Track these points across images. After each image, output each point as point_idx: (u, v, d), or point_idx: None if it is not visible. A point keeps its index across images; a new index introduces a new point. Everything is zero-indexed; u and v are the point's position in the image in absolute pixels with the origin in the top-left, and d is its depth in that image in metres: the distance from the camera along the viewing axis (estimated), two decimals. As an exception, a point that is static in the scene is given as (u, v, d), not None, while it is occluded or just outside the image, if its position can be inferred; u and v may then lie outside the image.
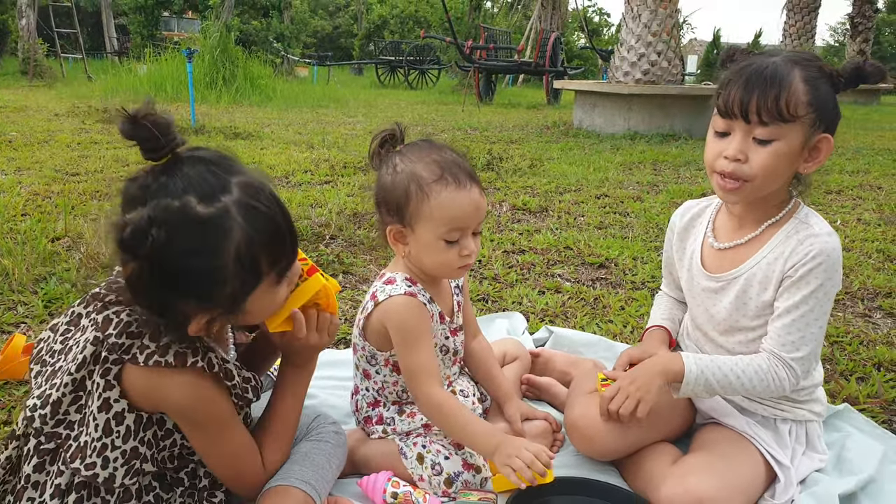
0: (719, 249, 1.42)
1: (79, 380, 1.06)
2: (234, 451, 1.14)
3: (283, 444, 1.22)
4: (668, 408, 1.44)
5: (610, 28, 30.57)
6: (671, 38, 7.55)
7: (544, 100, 12.96)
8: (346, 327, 2.21)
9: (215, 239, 0.96)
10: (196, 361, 1.04)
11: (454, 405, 1.33)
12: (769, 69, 1.24)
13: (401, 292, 1.36)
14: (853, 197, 4.48)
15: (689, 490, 1.25)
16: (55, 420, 1.07)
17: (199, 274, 0.97)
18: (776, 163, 1.26)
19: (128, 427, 1.06)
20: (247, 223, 0.98)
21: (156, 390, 1.04)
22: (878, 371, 1.99)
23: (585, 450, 1.45)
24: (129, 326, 1.03)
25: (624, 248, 3.11)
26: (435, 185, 1.30)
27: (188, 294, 0.99)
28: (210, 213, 0.96)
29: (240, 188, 0.99)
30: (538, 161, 5.51)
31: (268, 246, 1.01)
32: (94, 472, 1.04)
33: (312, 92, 11.84)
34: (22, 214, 3.30)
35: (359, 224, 3.41)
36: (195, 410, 1.07)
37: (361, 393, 1.49)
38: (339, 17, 34.92)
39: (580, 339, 2.00)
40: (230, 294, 1.00)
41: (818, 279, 1.28)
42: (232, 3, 15.31)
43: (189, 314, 1.01)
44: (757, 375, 1.31)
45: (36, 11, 13.58)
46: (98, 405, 1.04)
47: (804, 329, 1.30)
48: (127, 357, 1.02)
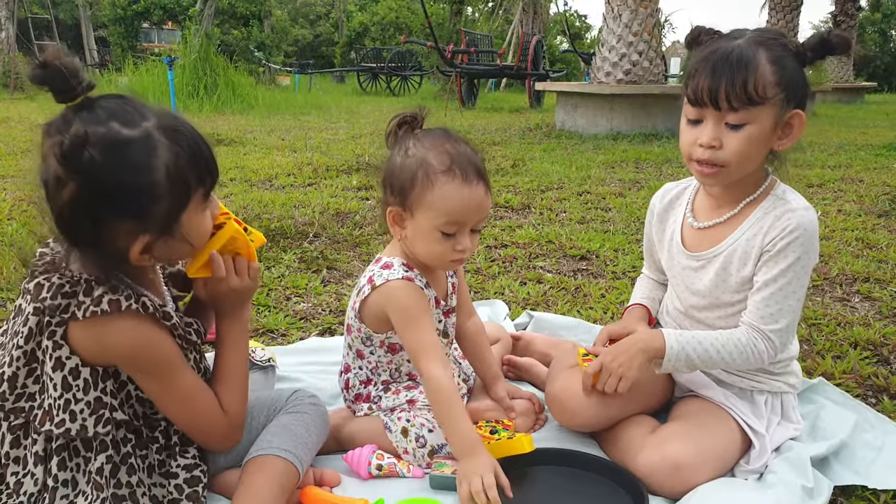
0: (699, 229, 1.46)
1: (29, 352, 1.09)
2: (187, 395, 1.16)
3: (235, 389, 1.23)
4: (649, 382, 1.47)
5: (591, 31, 30.82)
6: (652, 37, 7.63)
7: (527, 103, 13.04)
8: (332, 317, 2.23)
9: (145, 156, 1.01)
10: (130, 304, 1.06)
11: (453, 393, 1.32)
12: (734, 53, 1.24)
13: (398, 277, 1.37)
14: (834, 189, 4.56)
15: (666, 456, 1.28)
16: (15, 395, 1.10)
17: (136, 190, 1.01)
18: (750, 146, 1.28)
19: (85, 380, 1.09)
20: (170, 142, 1.03)
21: (99, 342, 1.07)
22: (854, 349, 2.03)
23: (566, 422, 1.48)
24: (62, 288, 1.06)
25: (605, 241, 3.15)
26: (442, 176, 1.31)
27: (125, 212, 1.02)
28: (135, 134, 1.01)
29: (156, 116, 1.05)
30: (521, 161, 5.56)
31: (193, 162, 1.06)
32: (66, 427, 1.08)
33: (294, 100, 11.86)
34: (8, 219, 3.30)
35: (342, 223, 3.44)
36: (139, 356, 1.10)
37: (354, 371, 1.51)
38: (320, 26, 34.96)
39: (560, 323, 2.04)
40: (165, 212, 1.04)
41: (795, 253, 1.31)
42: (212, 12, 15.30)
43: (126, 242, 1.04)
44: (736, 349, 1.34)
45: (15, 24, 13.52)
46: (52, 366, 1.07)
47: (782, 302, 1.33)
48: (66, 316, 1.05)
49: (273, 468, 1.18)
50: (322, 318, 2.23)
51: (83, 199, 0.99)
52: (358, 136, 7.16)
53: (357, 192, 4.22)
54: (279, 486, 1.17)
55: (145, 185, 1.01)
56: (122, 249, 1.05)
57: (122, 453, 1.13)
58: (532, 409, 1.57)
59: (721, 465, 1.32)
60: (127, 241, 1.04)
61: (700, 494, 1.25)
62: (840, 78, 16.96)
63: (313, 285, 2.51)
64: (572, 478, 1.35)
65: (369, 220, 3.46)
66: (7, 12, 13.29)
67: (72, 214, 1.01)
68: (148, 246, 1.05)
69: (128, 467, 1.13)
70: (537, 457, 1.36)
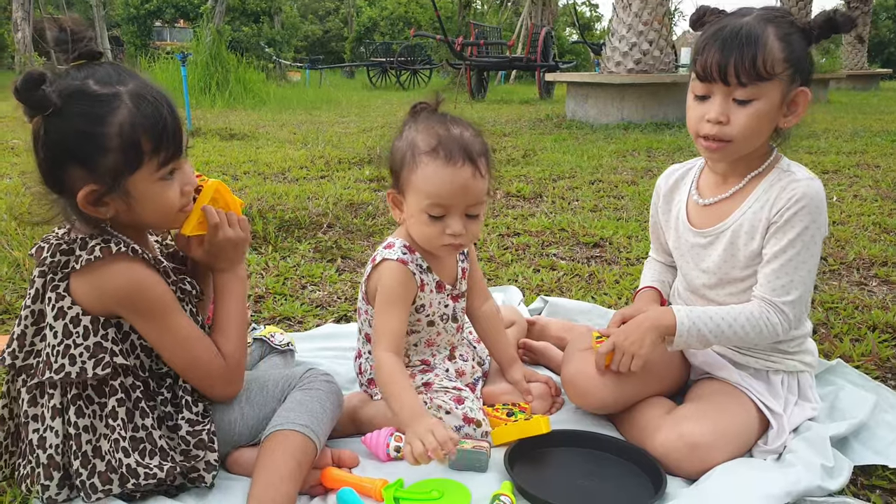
0: (704, 206, 1.45)
1: (37, 312, 1.18)
2: (184, 337, 1.21)
3: (234, 337, 1.28)
4: (663, 363, 1.48)
5: (601, 22, 30.64)
6: (662, 26, 7.58)
7: (537, 95, 12.99)
8: (347, 305, 2.25)
9: (102, 109, 1.10)
10: (119, 248, 1.14)
11: (396, 372, 1.32)
12: (744, 30, 1.26)
13: (394, 258, 1.39)
14: (850, 175, 4.51)
15: (683, 436, 1.28)
16: (24, 353, 1.19)
17: (84, 137, 1.10)
18: (757, 121, 1.30)
19: (85, 327, 1.15)
20: (134, 107, 1.11)
21: (96, 287, 1.14)
22: (872, 332, 2.01)
23: (582, 403, 1.48)
24: (60, 246, 1.15)
25: (618, 228, 3.14)
26: (425, 157, 1.30)
27: (74, 157, 1.11)
28: (102, 91, 1.11)
29: (136, 83, 1.13)
30: (531, 151, 5.55)
31: (150, 131, 1.12)
32: (65, 371, 1.14)
33: (305, 95, 11.88)
34: (28, 212, 3.32)
35: (355, 213, 3.45)
36: (134, 296, 1.16)
37: (364, 356, 1.52)
38: (330, 21, 34.98)
39: (575, 308, 2.04)
40: (112, 167, 1.11)
41: (803, 222, 1.31)
42: (223, 9, 15.35)
43: (77, 186, 1.12)
44: (749, 322, 1.33)
45: (31, 25, 13.60)
46: (53, 315, 1.15)
47: (793, 273, 1.32)
48: (67, 270, 1.14)
49: (291, 443, 1.20)
50: (338, 306, 2.24)
51: (41, 136, 1.10)
52: (369, 130, 7.17)
53: (369, 184, 4.23)
54: (297, 461, 1.19)
55: (95, 134, 1.10)
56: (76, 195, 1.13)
57: (132, 399, 1.19)
58: (548, 392, 1.57)
59: (739, 445, 1.32)
60: (77, 188, 1.12)
61: (718, 474, 1.25)
62: (854, 65, 16.76)
63: (328, 274, 2.52)
64: (590, 459, 1.35)
65: (382, 210, 3.47)
66: (23, 13, 13.39)
67: (41, 157, 1.12)
68: (97, 196, 1.13)
69: (140, 411, 1.19)
70: (554, 439, 1.36)
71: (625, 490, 1.27)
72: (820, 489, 1.21)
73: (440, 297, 1.47)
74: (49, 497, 1.15)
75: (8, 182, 4.16)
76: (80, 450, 1.15)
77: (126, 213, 1.17)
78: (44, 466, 1.15)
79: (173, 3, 22.65)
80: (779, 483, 1.19)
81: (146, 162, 1.14)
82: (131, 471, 1.14)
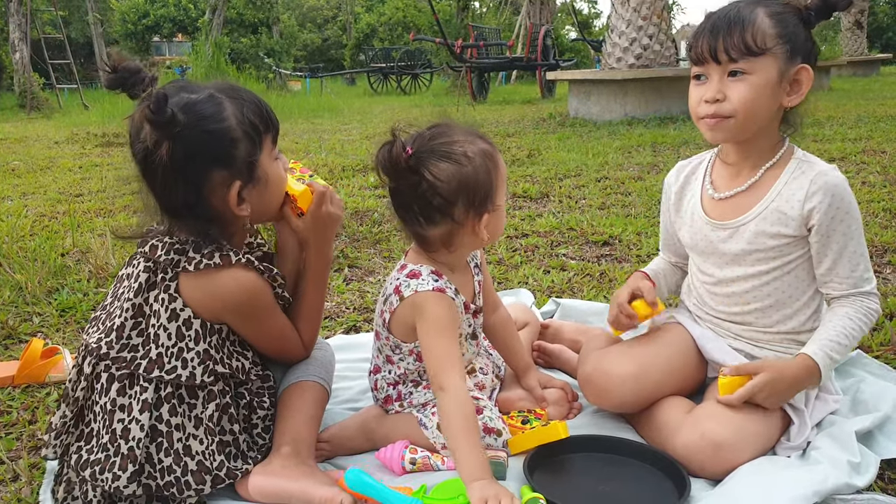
0: (720, 199, 1.44)
1: (138, 305, 1.22)
2: (279, 333, 1.34)
3: (313, 326, 1.41)
4: (683, 362, 1.46)
5: (600, 19, 30.61)
6: (662, 20, 7.55)
7: (539, 94, 12.97)
8: (356, 315, 2.23)
9: (215, 108, 1.19)
10: (240, 259, 1.23)
11: (473, 411, 1.26)
12: (732, 11, 1.30)
13: (429, 288, 1.32)
14: (857, 163, 4.47)
15: (705, 435, 1.25)
16: (120, 345, 1.21)
17: (215, 136, 1.18)
18: (754, 95, 1.29)
19: (196, 331, 1.23)
20: (230, 98, 1.22)
21: (210, 293, 1.22)
22: (889, 321, 1.99)
23: (600, 402, 1.46)
24: (174, 245, 1.21)
25: (627, 225, 3.12)
26: (495, 151, 1.35)
27: (215, 161, 1.19)
28: (201, 96, 1.20)
29: (211, 85, 1.24)
30: (536, 151, 5.53)
31: (255, 113, 1.23)
32: (177, 373, 1.20)
33: (306, 103, 11.88)
34: (30, 234, 3.34)
35: (360, 221, 3.43)
36: (245, 303, 1.25)
37: (382, 374, 1.47)
38: (328, 29, 35.07)
39: (587, 309, 2.01)
40: (245, 155, 1.21)
41: (845, 209, 1.31)
42: (221, 21, 15.40)
43: (223, 193, 1.20)
44: (853, 322, 1.33)
45: (29, 45, 13.65)
46: (167, 317, 1.21)
47: (860, 258, 1.34)
48: (178, 270, 1.21)
49: (313, 390, 1.36)
50: (347, 316, 2.22)
51: (178, 156, 1.15)
52: (371, 136, 7.16)
53: (374, 191, 4.22)
54: (320, 406, 1.38)
55: (223, 130, 1.19)
56: (221, 203, 1.21)
57: (222, 404, 1.25)
58: (565, 398, 1.54)
59: (762, 442, 1.29)
60: (223, 192, 1.21)
61: (742, 474, 1.22)
62: (854, 51, 16.67)
63: (336, 284, 2.51)
64: (610, 464, 1.33)
65: (387, 217, 3.46)
66: (20, 34, 13.42)
67: (170, 179, 1.17)
68: (241, 193, 1.22)
69: (228, 416, 1.26)
70: (573, 444, 1.34)
71: (648, 495, 1.25)
72: (848, 486, 1.18)
73: (466, 317, 1.43)
74: (116, 487, 1.16)
75: (9, 204, 4.17)
76: (171, 447, 1.20)
77: (257, 204, 1.26)
78: (122, 457, 1.17)
79: (171, 18, 22.75)
80: (806, 482, 1.16)
81: (264, 141, 1.24)
82: (228, 472, 1.22)
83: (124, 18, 23.11)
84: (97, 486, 1.19)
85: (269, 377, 1.36)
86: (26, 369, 1.78)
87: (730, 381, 1.30)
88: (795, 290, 1.39)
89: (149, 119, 1.11)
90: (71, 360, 1.80)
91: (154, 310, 1.21)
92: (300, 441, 1.29)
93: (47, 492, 1.29)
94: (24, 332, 2.15)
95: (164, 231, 1.24)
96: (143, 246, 1.25)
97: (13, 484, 1.36)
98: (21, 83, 13.46)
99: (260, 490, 1.22)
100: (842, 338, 1.32)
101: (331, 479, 1.25)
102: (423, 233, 1.33)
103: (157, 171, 1.16)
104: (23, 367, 1.78)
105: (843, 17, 17.74)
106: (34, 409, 1.68)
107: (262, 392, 1.34)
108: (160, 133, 1.13)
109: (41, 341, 1.84)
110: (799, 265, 1.38)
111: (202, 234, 1.22)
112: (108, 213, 3.84)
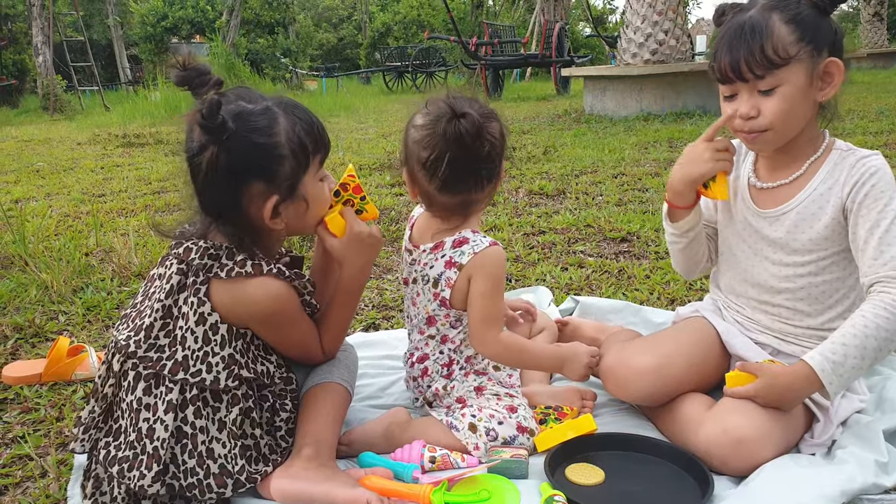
0: (762, 189, 1.44)
1: (168, 306, 1.23)
2: (302, 340, 1.35)
3: (338, 339, 1.43)
4: (703, 351, 1.46)
5: (615, 15, 30.40)
6: (677, 15, 7.49)
7: (553, 91, 12.91)
8: (375, 312, 2.24)
9: (268, 122, 1.21)
10: (271, 269, 1.24)
11: (522, 341, 1.45)
12: (747, 24, 1.27)
13: (486, 244, 1.37)
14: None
15: (727, 430, 1.25)
16: (147, 344, 1.22)
17: (263, 150, 1.20)
18: (788, 106, 1.29)
19: (222, 336, 1.23)
20: (286, 114, 1.23)
21: (239, 300, 1.23)
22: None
23: (621, 395, 1.46)
24: (209, 250, 1.23)
25: (645, 222, 3.10)
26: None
27: (257, 172, 1.21)
28: (258, 107, 1.22)
29: (273, 98, 1.26)
30: (552, 148, 5.51)
31: (308, 132, 1.25)
32: (202, 377, 1.21)
33: (323, 103, 11.93)
34: (55, 234, 3.39)
35: (378, 219, 3.44)
36: (274, 312, 1.26)
37: (434, 357, 1.46)
38: (343, 29, 35.13)
39: (606, 306, 2.00)
40: (288, 173, 1.22)
41: (886, 191, 1.29)
42: (238, 22, 15.50)
43: (259, 204, 1.21)
44: (865, 319, 1.21)
45: (51, 48, 13.81)
46: (195, 320, 1.22)
47: (894, 239, 1.25)
48: (210, 275, 1.22)
49: (336, 392, 1.37)
50: (366, 314, 2.23)
51: (221, 162, 1.17)
52: (388, 135, 7.18)
53: (391, 189, 4.23)
54: (343, 408, 1.38)
55: (270, 145, 1.20)
56: (256, 213, 1.23)
57: (244, 408, 1.25)
58: (578, 396, 1.54)
59: (785, 439, 1.28)
60: (259, 204, 1.22)
61: (767, 472, 1.21)
62: (874, 43, 16.43)
63: (355, 282, 2.51)
64: (631, 462, 1.32)
65: (404, 216, 3.47)
66: (43, 37, 13.56)
67: (213, 182, 1.19)
68: (277, 207, 1.23)
69: (251, 420, 1.27)
70: (593, 443, 1.34)
71: (670, 493, 1.24)
72: (875, 486, 1.17)
73: None
74: (141, 486, 1.17)
75: (35, 205, 4.23)
76: (195, 449, 1.21)
77: (293, 220, 1.27)
78: (148, 455, 1.18)
79: (189, 20, 22.92)
80: (832, 481, 1.15)
81: (312, 162, 1.25)
82: (249, 476, 1.22)
83: (143, 21, 23.28)
84: (122, 484, 1.20)
85: (292, 379, 1.36)
86: (53, 367, 1.81)
87: (736, 376, 1.31)
88: (829, 287, 1.38)
89: (199, 123, 1.15)
90: (96, 358, 1.83)
91: (182, 312, 1.22)
92: (322, 443, 1.29)
93: (76, 487, 1.32)
94: (50, 330, 2.19)
95: (199, 234, 1.26)
96: (177, 248, 1.26)
97: (41, 480, 1.39)
98: (44, 86, 13.62)
99: (282, 493, 1.23)
100: (849, 338, 1.21)
101: (352, 479, 1.25)
102: (475, 197, 1.39)
103: (200, 173, 1.19)
104: (49, 364, 1.81)
105: (863, 9, 17.50)
106: (61, 406, 1.71)
107: (285, 394, 1.34)
108: (208, 137, 1.16)
109: (67, 339, 1.87)
110: (834, 262, 1.36)
111: (236, 241, 1.24)
112: (129, 213, 3.89)
